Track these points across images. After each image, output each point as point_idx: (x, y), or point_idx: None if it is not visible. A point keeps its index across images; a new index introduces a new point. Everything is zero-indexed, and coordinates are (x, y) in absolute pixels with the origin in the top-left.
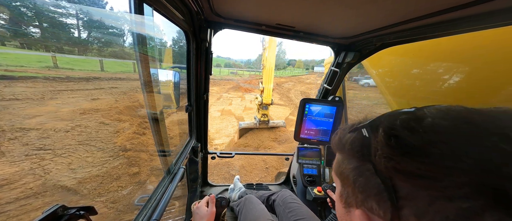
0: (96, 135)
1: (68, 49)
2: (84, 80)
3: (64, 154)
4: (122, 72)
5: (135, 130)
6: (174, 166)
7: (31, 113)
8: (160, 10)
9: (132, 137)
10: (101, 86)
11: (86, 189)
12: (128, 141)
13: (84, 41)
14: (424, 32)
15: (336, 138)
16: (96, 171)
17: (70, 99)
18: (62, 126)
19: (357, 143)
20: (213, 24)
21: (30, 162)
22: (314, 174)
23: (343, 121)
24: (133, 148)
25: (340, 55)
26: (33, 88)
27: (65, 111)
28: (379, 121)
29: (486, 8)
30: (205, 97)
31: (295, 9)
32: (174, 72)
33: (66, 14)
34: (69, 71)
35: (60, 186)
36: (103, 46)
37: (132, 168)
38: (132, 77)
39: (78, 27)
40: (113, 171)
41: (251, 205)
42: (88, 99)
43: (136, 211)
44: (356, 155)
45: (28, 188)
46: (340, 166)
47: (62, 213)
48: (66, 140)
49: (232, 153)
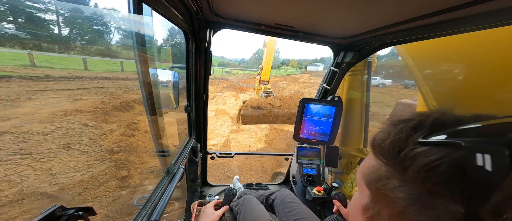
0: (80, 137)
1: (47, 46)
2: (66, 80)
3: (43, 158)
4: (109, 71)
5: (124, 132)
6: (173, 166)
7: (5, 115)
8: (160, 10)
9: (120, 139)
10: (84, 86)
11: (69, 195)
12: (115, 143)
13: (66, 39)
14: (424, 32)
15: (386, 143)
16: (80, 176)
17: (49, 100)
18: (41, 129)
19: (446, 171)
20: (213, 24)
21: (4, 168)
22: (314, 173)
23: (363, 121)
24: (121, 150)
25: (339, 55)
26: (7, 88)
27: (44, 112)
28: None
29: (486, 8)
30: (204, 97)
31: (294, 9)
32: (173, 72)
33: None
34: (48, 70)
35: (40, 193)
36: (87, 44)
37: (121, 171)
38: (120, 77)
39: (59, 23)
40: (100, 176)
41: (250, 205)
42: (70, 100)
43: (135, 211)
44: (434, 187)
45: (3, 195)
46: (382, 183)
47: (60, 213)
48: (46, 144)
49: (231, 153)
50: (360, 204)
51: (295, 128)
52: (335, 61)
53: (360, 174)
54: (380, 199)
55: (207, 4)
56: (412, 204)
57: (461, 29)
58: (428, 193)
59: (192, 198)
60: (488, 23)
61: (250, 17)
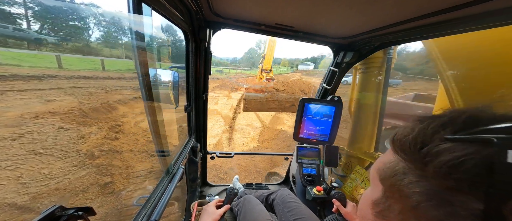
0: (54, 142)
1: (13, 42)
2: (36, 79)
3: (10, 166)
4: (88, 70)
5: (106, 135)
6: (173, 166)
7: None
8: (159, 10)
9: (101, 142)
10: (59, 85)
11: (43, 205)
12: (96, 148)
13: (36, 34)
14: (424, 32)
15: (408, 138)
16: (55, 183)
17: (17, 101)
18: (7, 133)
19: (472, 168)
20: (212, 24)
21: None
22: (313, 173)
23: (375, 125)
24: (103, 155)
25: (339, 55)
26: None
27: (10, 115)
28: None
29: (486, 8)
30: (204, 97)
31: (294, 9)
32: (173, 72)
33: (10, 1)
34: (14, 68)
35: (7, 203)
36: (62, 41)
37: (103, 177)
38: (101, 76)
39: (27, 17)
40: (79, 182)
41: (250, 205)
42: (41, 102)
43: (135, 211)
44: (456, 184)
45: None
46: (398, 178)
47: (60, 213)
48: (12, 150)
49: (231, 153)
50: (371, 199)
51: (295, 127)
52: (335, 61)
53: (374, 169)
54: (393, 194)
55: (207, 4)
56: (428, 199)
57: (461, 29)
58: (447, 189)
59: (192, 198)
60: (488, 23)
61: (250, 17)
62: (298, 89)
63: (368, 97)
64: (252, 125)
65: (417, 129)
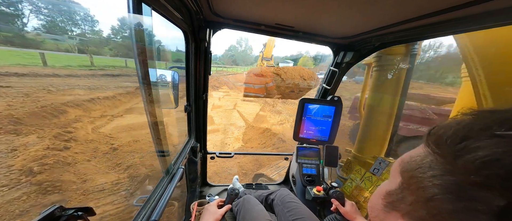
0: None
1: None
2: None
3: None
4: (23, 65)
5: (49, 145)
6: (173, 166)
7: None
8: (159, 10)
9: (43, 154)
10: None
11: None
12: (36, 161)
13: None
14: (424, 32)
15: (447, 131)
16: None
17: None
18: None
19: (509, 165)
20: (212, 24)
21: None
22: (313, 173)
23: (390, 129)
24: (46, 170)
25: (339, 55)
26: None
27: None
28: None
29: (486, 8)
30: (204, 97)
31: (294, 9)
32: (172, 72)
33: None
34: None
35: None
36: None
37: (49, 196)
38: (42, 73)
39: None
40: (11, 206)
41: (250, 205)
42: None
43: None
44: (484, 180)
45: None
46: (421, 170)
47: (60, 213)
48: None
49: (231, 153)
50: (385, 190)
51: (295, 127)
52: (334, 61)
53: (398, 161)
54: (410, 186)
55: (207, 4)
56: (447, 192)
57: (461, 29)
58: (472, 184)
59: (192, 198)
60: (488, 23)
61: (250, 17)
62: (298, 75)
63: (383, 98)
64: (236, 124)
65: (464, 123)
